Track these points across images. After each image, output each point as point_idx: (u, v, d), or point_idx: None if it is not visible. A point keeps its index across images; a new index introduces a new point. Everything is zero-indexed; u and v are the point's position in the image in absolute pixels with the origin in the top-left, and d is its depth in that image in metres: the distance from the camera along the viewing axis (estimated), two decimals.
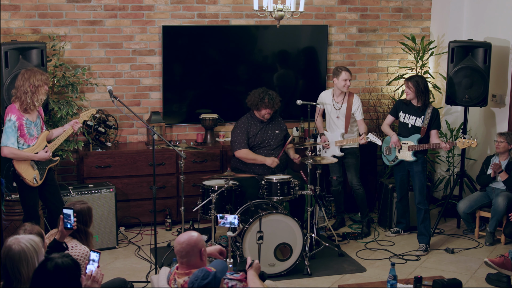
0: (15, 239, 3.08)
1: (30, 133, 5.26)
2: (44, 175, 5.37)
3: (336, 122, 6.50)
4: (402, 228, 6.59)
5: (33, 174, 5.28)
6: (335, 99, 6.49)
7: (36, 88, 5.17)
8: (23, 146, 5.23)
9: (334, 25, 7.46)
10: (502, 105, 6.90)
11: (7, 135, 5.13)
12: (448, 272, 5.62)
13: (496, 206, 6.20)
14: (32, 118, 5.27)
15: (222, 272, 3.42)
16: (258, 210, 5.48)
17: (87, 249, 3.99)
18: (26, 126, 5.22)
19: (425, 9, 7.74)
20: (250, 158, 6.13)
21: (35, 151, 5.28)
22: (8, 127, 5.13)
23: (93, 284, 3.33)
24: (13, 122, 5.13)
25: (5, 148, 5.15)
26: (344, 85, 6.35)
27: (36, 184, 5.31)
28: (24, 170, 5.24)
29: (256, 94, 6.12)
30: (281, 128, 6.32)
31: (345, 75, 6.33)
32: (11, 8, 6.44)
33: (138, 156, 6.57)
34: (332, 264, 5.78)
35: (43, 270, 2.92)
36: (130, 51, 6.87)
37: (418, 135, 6.08)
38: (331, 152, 6.48)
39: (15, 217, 5.84)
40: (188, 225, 6.49)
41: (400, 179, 6.34)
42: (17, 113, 5.17)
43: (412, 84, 6.04)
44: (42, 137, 5.35)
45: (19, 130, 5.18)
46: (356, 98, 6.46)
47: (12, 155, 5.17)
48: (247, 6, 7.04)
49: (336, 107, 6.47)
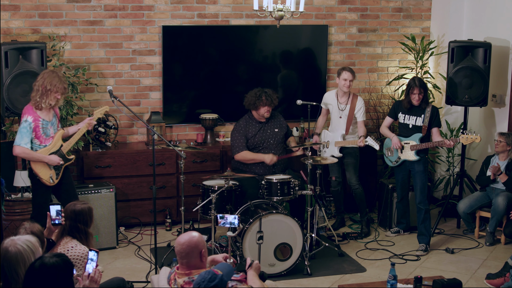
0: (11, 241, 3.07)
1: (46, 133, 5.32)
2: (60, 174, 5.42)
3: (338, 122, 6.50)
4: (402, 228, 6.59)
5: (49, 174, 5.34)
6: (339, 100, 6.49)
7: (47, 91, 5.21)
8: (39, 146, 5.30)
9: (334, 25, 7.46)
10: (502, 105, 6.90)
11: (21, 135, 5.21)
12: (448, 272, 5.62)
13: (496, 206, 6.20)
14: (48, 117, 5.33)
15: (228, 275, 3.43)
16: (258, 210, 5.48)
17: (87, 249, 3.98)
18: (43, 126, 5.28)
19: (425, 9, 7.74)
20: (249, 159, 6.14)
21: (51, 150, 5.34)
22: (24, 127, 5.20)
23: (91, 284, 3.33)
24: (29, 123, 5.20)
25: (17, 147, 5.22)
26: (344, 85, 6.35)
27: (53, 184, 5.37)
28: (41, 170, 5.31)
29: (252, 94, 6.13)
30: (281, 126, 6.31)
31: (345, 75, 6.33)
32: (11, 8, 6.44)
33: (138, 156, 6.57)
34: (332, 264, 5.78)
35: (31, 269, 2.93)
36: (130, 51, 6.87)
37: (420, 134, 6.07)
38: (330, 152, 6.48)
39: (15, 217, 5.85)
40: (188, 225, 6.49)
41: (401, 179, 6.34)
42: (34, 114, 5.23)
43: (423, 90, 6.00)
44: (58, 136, 5.40)
45: (34, 131, 5.24)
46: (360, 100, 6.45)
47: (24, 154, 5.27)
48: (247, 6, 7.04)
49: (340, 108, 6.47)
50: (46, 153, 5.31)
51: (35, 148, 5.28)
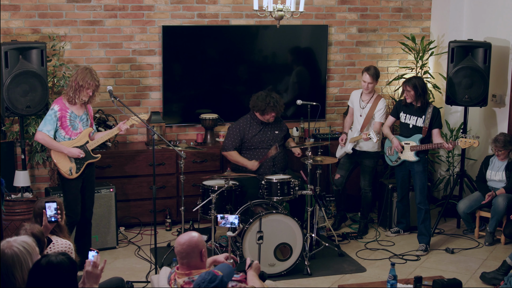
0: (7, 243, 3.05)
1: (73, 126, 5.40)
2: (82, 170, 5.45)
3: (358, 120, 6.49)
4: (402, 228, 6.59)
5: (69, 166, 5.39)
6: (362, 98, 6.49)
7: (80, 87, 5.32)
8: (64, 138, 5.38)
9: (334, 25, 7.46)
10: (502, 105, 6.90)
11: (45, 122, 5.33)
12: (448, 272, 5.62)
13: (496, 206, 6.20)
14: (78, 112, 5.41)
15: (229, 276, 3.43)
16: (258, 210, 5.47)
17: (68, 242, 4.00)
18: (70, 118, 5.37)
19: (425, 9, 7.74)
20: (234, 160, 6.17)
21: (75, 144, 5.41)
22: (49, 115, 5.34)
23: (94, 270, 3.30)
24: (54, 112, 5.32)
25: (39, 133, 5.34)
26: (363, 86, 6.38)
27: (72, 177, 5.42)
28: (60, 161, 5.38)
29: (261, 99, 6.07)
30: (281, 128, 6.32)
31: (365, 77, 6.34)
32: (11, 8, 6.44)
33: (138, 156, 6.57)
34: (332, 264, 5.78)
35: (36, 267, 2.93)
36: (130, 51, 6.88)
37: (420, 135, 6.08)
38: (344, 149, 6.51)
39: (15, 217, 5.84)
40: (188, 225, 6.49)
41: (401, 179, 6.34)
42: (61, 105, 5.35)
43: (411, 87, 6.03)
44: (85, 133, 5.48)
45: (60, 121, 5.34)
46: (382, 101, 6.41)
47: (43, 141, 5.37)
48: (247, 6, 7.04)
49: (361, 106, 6.47)
50: (69, 146, 5.37)
51: (59, 139, 5.36)
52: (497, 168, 6.37)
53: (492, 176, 6.40)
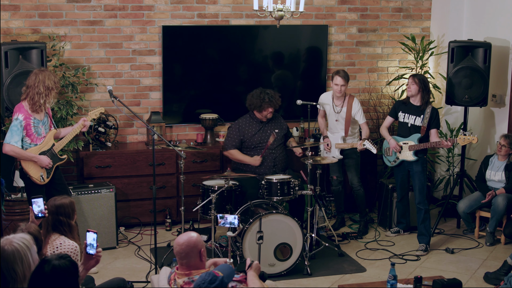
0: (7, 240, 3.08)
1: (38, 132, 5.30)
2: (51, 173, 5.40)
3: (336, 125, 6.49)
4: (402, 228, 6.59)
5: (40, 173, 5.31)
6: (335, 102, 6.47)
7: (50, 91, 5.21)
8: (30, 145, 5.27)
9: (334, 25, 7.46)
10: (502, 105, 6.90)
11: (11, 133, 5.18)
12: (448, 272, 5.62)
13: (496, 206, 6.20)
14: (40, 117, 5.30)
15: (229, 277, 3.43)
16: (258, 210, 5.48)
17: (75, 244, 4.00)
18: (34, 125, 5.25)
19: (425, 9, 7.74)
20: (236, 158, 6.19)
21: (42, 149, 5.32)
22: (14, 125, 5.18)
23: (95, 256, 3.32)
24: (19, 121, 5.17)
25: (7, 145, 5.18)
26: (336, 90, 6.34)
27: (43, 182, 5.34)
28: (31, 169, 5.28)
29: (255, 96, 6.12)
30: (281, 127, 6.32)
31: (336, 79, 6.30)
32: (11, 8, 6.44)
33: (138, 156, 6.57)
34: (332, 264, 5.79)
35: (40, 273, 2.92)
36: (130, 51, 6.88)
37: (418, 135, 6.08)
38: (331, 154, 6.48)
39: (15, 217, 5.85)
40: (188, 225, 6.49)
41: (401, 179, 6.34)
42: (25, 113, 5.21)
43: (417, 80, 6.05)
44: (50, 136, 5.39)
45: (25, 129, 5.21)
46: (356, 101, 6.42)
47: (13, 153, 5.21)
48: (247, 6, 7.04)
49: (335, 110, 6.45)
50: (36, 152, 5.28)
51: (26, 147, 5.25)
52: (497, 168, 6.37)
53: (491, 176, 6.40)
